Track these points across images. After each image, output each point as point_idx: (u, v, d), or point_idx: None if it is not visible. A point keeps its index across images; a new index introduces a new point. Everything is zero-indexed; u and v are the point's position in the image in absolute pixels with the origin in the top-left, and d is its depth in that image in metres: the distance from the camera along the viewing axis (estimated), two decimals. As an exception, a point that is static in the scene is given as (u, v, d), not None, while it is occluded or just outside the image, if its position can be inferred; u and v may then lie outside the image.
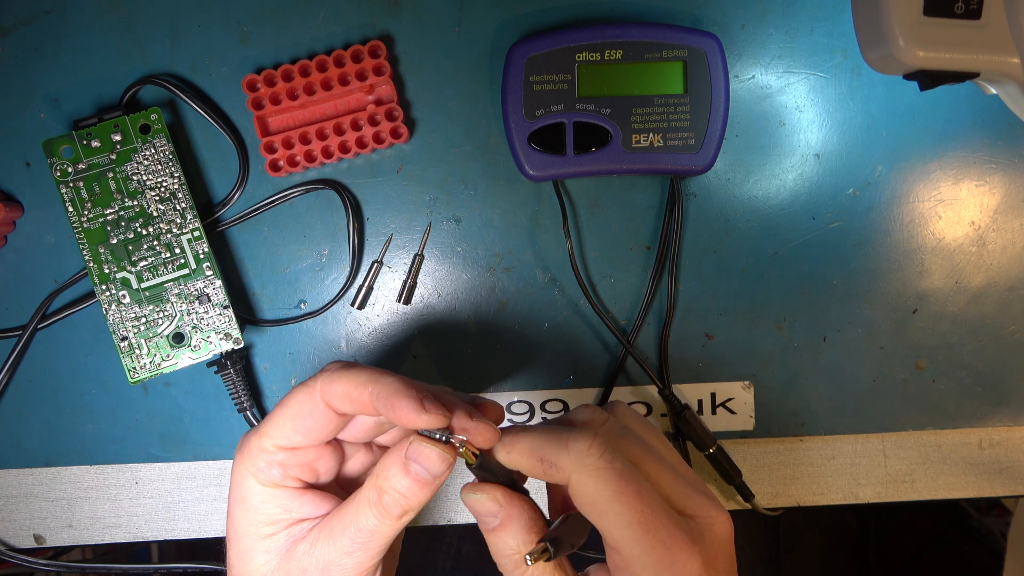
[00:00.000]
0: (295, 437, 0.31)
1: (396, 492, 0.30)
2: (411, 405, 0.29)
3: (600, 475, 0.27)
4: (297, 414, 0.31)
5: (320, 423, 0.31)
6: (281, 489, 0.31)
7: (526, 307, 0.44)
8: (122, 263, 0.41)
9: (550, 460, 0.28)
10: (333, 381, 0.30)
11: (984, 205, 0.44)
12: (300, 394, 0.31)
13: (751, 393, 0.44)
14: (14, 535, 0.44)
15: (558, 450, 0.28)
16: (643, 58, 0.40)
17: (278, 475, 0.31)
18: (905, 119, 0.43)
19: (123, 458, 0.44)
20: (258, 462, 0.31)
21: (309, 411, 0.31)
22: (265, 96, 0.40)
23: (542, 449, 0.29)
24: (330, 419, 0.31)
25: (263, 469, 0.31)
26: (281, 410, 0.31)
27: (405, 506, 0.30)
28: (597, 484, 0.27)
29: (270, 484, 0.31)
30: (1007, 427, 0.45)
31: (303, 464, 0.32)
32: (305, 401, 0.31)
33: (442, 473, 0.30)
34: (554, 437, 0.29)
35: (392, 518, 0.30)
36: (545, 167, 0.41)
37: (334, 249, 0.43)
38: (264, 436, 0.31)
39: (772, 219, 0.44)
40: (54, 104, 0.42)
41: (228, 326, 0.41)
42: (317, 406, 0.30)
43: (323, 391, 0.30)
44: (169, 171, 0.41)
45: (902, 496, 0.45)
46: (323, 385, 0.30)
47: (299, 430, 0.31)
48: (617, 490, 0.27)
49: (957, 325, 0.44)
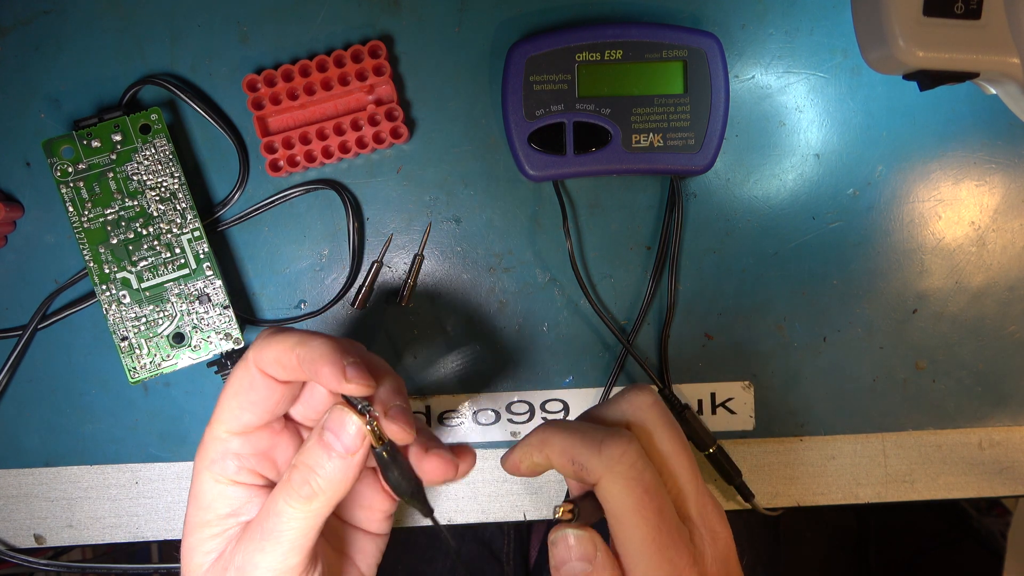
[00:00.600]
0: (243, 416, 0.30)
1: (305, 466, 0.28)
2: (333, 372, 0.27)
3: (627, 484, 0.27)
4: (238, 390, 0.29)
5: (263, 394, 0.29)
6: (235, 487, 0.30)
7: (526, 307, 0.44)
8: (122, 263, 0.41)
9: (581, 462, 0.28)
10: (263, 348, 0.29)
11: (984, 205, 0.44)
12: (238, 370, 0.30)
13: (751, 393, 0.44)
14: (14, 535, 0.45)
15: (591, 452, 0.28)
16: (643, 58, 0.40)
17: (232, 468, 0.30)
18: (905, 119, 0.43)
19: (123, 458, 0.44)
20: (212, 454, 0.30)
21: (249, 384, 0.29)
22: (265, 96, 0.40)
23: (575, 449, 0.28)
24: (273, 389, 0.29)
25: (217, 461, 0.30)
26: (224, 392, 0.30)
27: (314, 485, 0.28)
28: (622, 492, 0.27)
29: (223, 480, 0.30)
30: (1007, 427, 0.45)
31: (259, 453, 0.30)
32: (243, 376, 0.29)
33: (355, 445, 0.28)
34: (589, 437, 0.28)
35: (301, 499, 0.28)
36: (545, 167, 0.41)
37: (334, 249, 0.43)
38: (215, 423, 0.30)
39: (772, 219, 0.44)
40: (54, 104, 0.42)
41: (228, 326, 0.41)
42: (255, 377, 0.29)
43: (255, 360, 0.29)
44: (169, 171, 0.41)
45: (902, 496, 0.45)
46: (255, 354, 0.29)
47: (244, 406, 0.29)
48: (639, 503, 0.27)
49: (957, 325, 0.44)
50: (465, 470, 0.32)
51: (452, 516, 0.45)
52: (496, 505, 0.45)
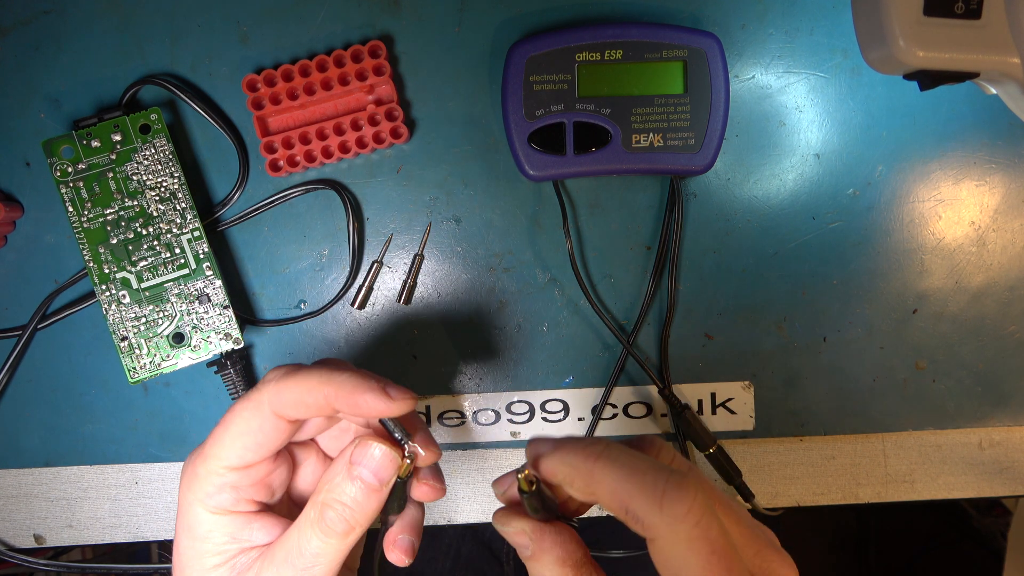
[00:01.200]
0: (246, 455, 0.29)
1: (339, 504, 0.28)
2: (376, 396, 0.27)
3: (693, 545, 0.24)
4: (245, 431, 0.29)
5: (271, 436, 0.29)
6: (231, 516, 0.29)
7: (526, 307, 0.44)
8: (122, 263, 0.41)
9: (636, 513, 0.24)
10: (282, 390, 0.28)
11: (984, 205, 0.44)
12: (246, 410, 0.29)
13: (751, 393, 0.44)
14: (14, 535, 0.44)
15: (650, 506, 0.24)
16: (643, 58, 0.40)
17: (229, 500, 0.29)
18: (905, 119, 0.43)
19: (123, 458, 0.44)
20: (207, 487, 0.29)
21: (258, 426, 0.28)
22: (265, 96, 0.40)
23: (631, 497, 0.24)
24: (281, 430, 0.29)
25: (213, 495, 0.29)
26: (226, 429, 0.29)
27: (350, 520, 0.28)
28: (688, 555, 0.24)
29: (220, 511, 0.29)
30: (1007, 427, 0.45)
31: (256, 483, 0.30)
32: (252, 417, 0.29)
33: (391, 477, 0.28)
34: (648, 485, 0.24)
35: (336, 536, 0.28)
36: (545, 167, 0.41)
37: (334, 249, 0.43)
38: (212, 459, 0.29)
39: (772, 219, 0.44)
40: (54, 104, 0.42)
41: (228, 326, 0.41)
42: (267, 419, 0.28)
43: (272, 403, 0.28)
44: (169, 171, 0.41)
45: (902, 496, 0.45)
46: (271, 397, 0.28)
47: (250, 447, 0.29)
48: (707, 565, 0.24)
49: (957, 325, 0.44)
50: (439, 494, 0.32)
51: (452, 516, 0.45)
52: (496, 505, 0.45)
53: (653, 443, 0.28)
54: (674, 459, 0.28)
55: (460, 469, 0.45)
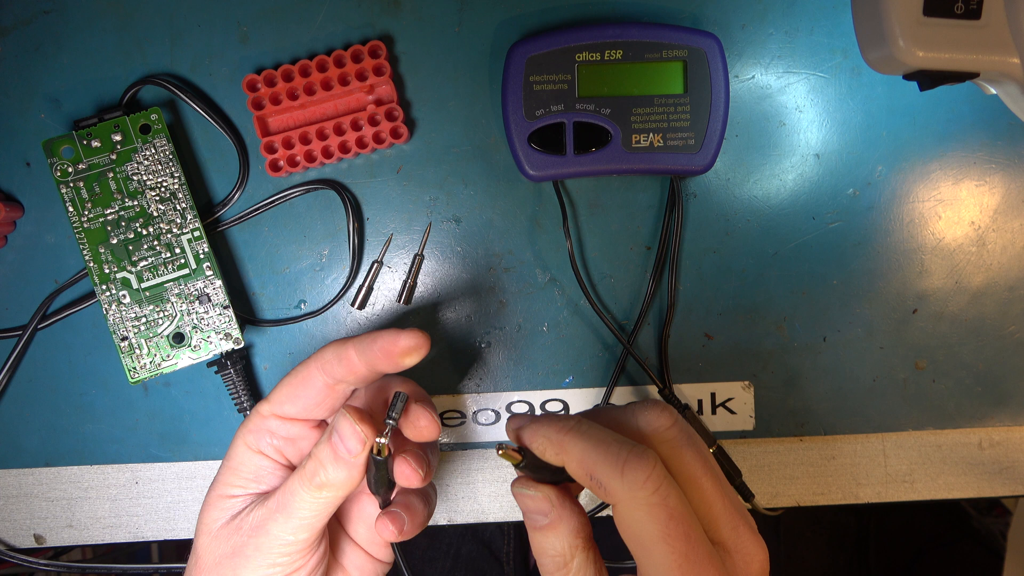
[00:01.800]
0: (287, 405, 0.34)
1: (317, 459, 0.31)
2: (389, 333, 0.31)
3: (651, 511, 0.26)
4: (295, 383, 0.34)
5: (314, 393, 0.33)
6: (261, 457, 0.34)
7: (526, 307, 0.44)
8: (122, 263, 0.41)
9: (600, 480, 0.27)
10: (323, 349, 0.33)
11: (984, 205, 0.44)
12: (299, 366, 0.34)
13: (751, 393, 0.44)
14: (14, 535, 0.45)
15: (612, 473, 0.26)
16: (643, 58, 0.40)
17: (265, 442, 0.34)
18: (905, 119, 0.43)
19: (123, 458, 0.44)
20: (252, 424, 0.34)
21: (303, 379, 0.33)
22: (265, 96, 0.40)
23: (595, 465, 0.27)
24: (321, 390, 0.33)
25: (252, 431, 0.34)
26: (284, 380, 0.34)
27: (322, 478, 0.31)
28: (645, 520, 0.26)
29: (253, 449, 0.34)
30: (1007, 427, 0.45)
31: (289, 438, 0.35)
32: (301, 370, 0.34)
33: (355, 451, 0.31)
34: (611, 455, 0.27)
35: (310, 488, 0.31)
36: (545, 167, 0.41)
37: (334, 249, 0.43)
38: (266, 402, 0.34)
39: (772, 219, 0.44)
40: (54, 104, 0.42)
41: (228, 326, 0.41)
42: (311, 375, 0.33)
43: (316, 359, 0.33)
44: (169, 171, 0.41)
45: (902, 496, 0.45)
46: (316, 355, 0.33)
47: (292, 398, 0.34)
48: (665, 531, 0.26)
49: (957, 325, 0.44)
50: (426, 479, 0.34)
51: (452, 516, 0.45)
52: (496, 505, 0.45)
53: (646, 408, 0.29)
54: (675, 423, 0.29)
55: (460, 469, 0.45)
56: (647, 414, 0.29)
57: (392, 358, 0.32)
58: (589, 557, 0.29)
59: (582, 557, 0.28)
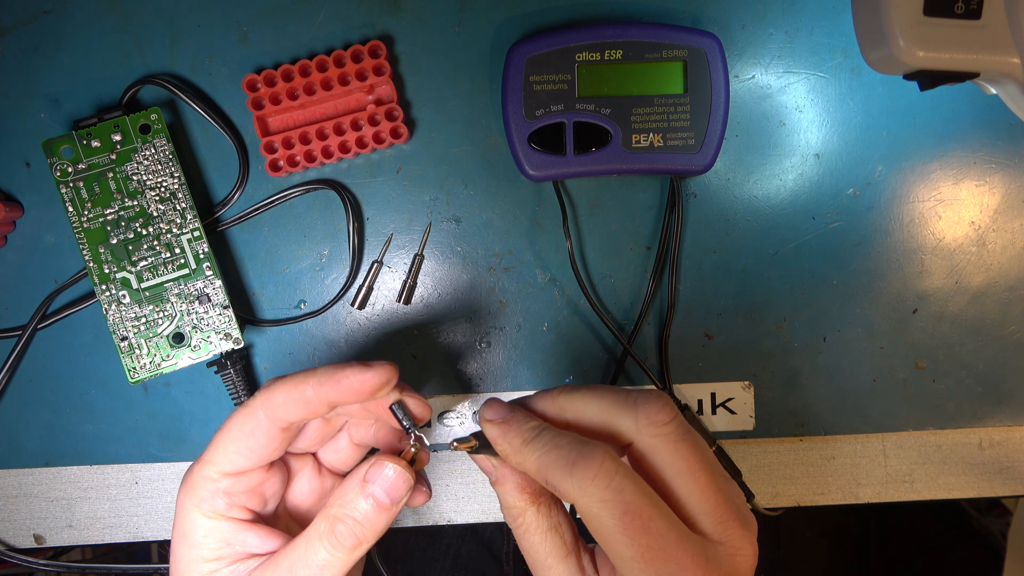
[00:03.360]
0: (238, 460, 0.30)
1: (351, 519, 0.29)
2: (354, 370, 0.29)
3: (604, 507, 0.26)
4: (239, 436, 0.30)
5: (263, 442, 0.30)
6: (226, 521, 0.30)
7: (526, 307, 0.44)
8: (122, 263, 0.41)
9: (552, 482, 0.27)
10: (271, 393, 0.30)
11: (984, 205, 0.44)
12: (239, 415, 0.30)
13: (751, 393, 0.44)
14: (14, 535, 0.44)
15: (562, 475, 0.27)
16: (643, 58, 0.40)
17: (223, 505, 0.30)
18: (905, 119, 0.43)
19: (123, 458, 0.44)
20: (201, 492, 0.30)
21: (251, 431, 0.30)
22: (265, 96, 0.40)
23: (547, 471, 0.27)
24: (273, 436, 0.30)
25: (207, 499, 0.30)
26: (222, 435, 0.30)
27: (359, 535, 0.29)
28: (601, 515, 0.26)
29: (214, 515, 0.30)
30: (1007, 427, 0.45)
31: (249, 490, 0.31)
32: (246, 421, 0.30)
33: (403, 496, 0.30)
34: (562, 457, 0.27)
35: (344, 550, 0.29)
36: (545, 167, 0.41)
37: (334, 249, 0.43)
38: (207, 464, 0.30)
39: (772, 219, 0.44)
40: (54, 104, 0.42)
41: (228, 326, 0.41)
42: (259, 424, 0.30)
43: (263, 405, 0.30)
44: (169, 171, 0.41)
45: (902, 496, 0.45)
46: (263, 400, 0.30)
47: (242, 452, 0.30)
48: (621, 524, 0.26)
49: (957, 325, 0.44)
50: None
51: (452, 516, 0.45)
52: (496, 505, 0.45)
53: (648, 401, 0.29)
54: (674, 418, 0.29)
55: (460, 469, 0.45)
56: (648, 408, 0.29)
57: (361, 396, 0.30)
58: (541, 511, 0.30)
59: (533, 510, 0.30)
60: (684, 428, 0.29)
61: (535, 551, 0.30)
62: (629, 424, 0.29)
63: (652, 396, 0.29)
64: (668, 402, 0.29)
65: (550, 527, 0.30)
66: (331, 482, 0.35)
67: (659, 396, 0.29)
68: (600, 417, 0.29)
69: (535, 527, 0.29)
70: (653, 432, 0.28)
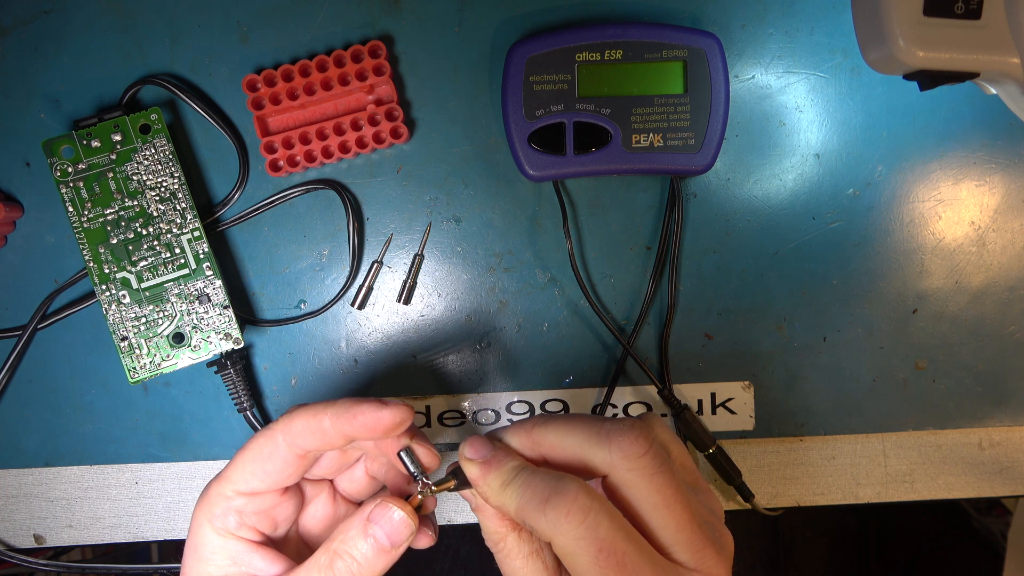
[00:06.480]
0: (254, 481, 0.31)
1: (350, 557, 0.29)
2: (370, 408, 0.29)
3: (579, 544, 0.26)
4: (257, 457, 0.31)
5: (280, 466, 0.31)
6: (235, 540, 0.31)
7: (526, 307, 0.44)
8: (122, 263, 0.41)
9: (528, 523, 0.27)
10: (292, 419, 0.30)
11: (984, 205, 0.44)
12: (260, 437, 0.31)
13: (751, 393, 0.44)
14: (14, 535, 0.44)
15: (536, 515, 0.27)
16: (643, 58, 0.40)
17: (234, 523, 0.31)
18: (905, 119, 0.43)
19: (123, 458, 0.44)
20: (215, 508, 0.31)
21: (269, 453, 0.31)
22: (265, 96, 0.40)
23: (523, 510, 0.27)
24: (290, 461, 0.31)
25: (219, 516, 0.31)
26: (242, 455, 0.31)
27: (357, 574, 0.29)
28: (576, 552, 0.26)
29: (225, 533, 0.31)
30: (1007, 427, 0.45)
31: (261, 512, 0.32)
32: (265, 444, 0.31)
33: (404, 542, 0.30)
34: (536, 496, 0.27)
35: None
36: (545, 167, 0.41)
37: (334, 249, 0.43)
38: (224, 481, 0.31)
39: (772, 219, 0.44)
40: (54, 104, 0.42)
41: (228, 326, 0.41)
42: (278, 448, 0.30)
43: (283, 430, 0.30)
44: (169, 171, 0.41)
45: (902, 496, 0.45)
46: (283, 426, 0.30)
47: (258, 474, 0.31)
48: (596, 561, 0.26)
49: (957, 325, 0.44)
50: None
51: (452, 516, 0.45)
52: (496, 505, 0.45)
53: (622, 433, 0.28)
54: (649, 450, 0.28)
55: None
56: (621, 441, 0.28)
57: (374, 433, 0.30)
58: (523, 536, 0.30)
59: (514, 536, 0.30)
60: (659, 460, 0.28)
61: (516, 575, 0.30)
62: (603, 458, 0.28)
63: (625, 427, 0.28)
64: (642, 432, 0.28)
65: (531, 552, 0.30)
66: (345, 509, 0.35)
67: (632, 427, 0.28)
68: (573, 450, 0.29)
69: (516, 552, 0.30)
70: (628, 466, 0.28)
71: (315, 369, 0.44)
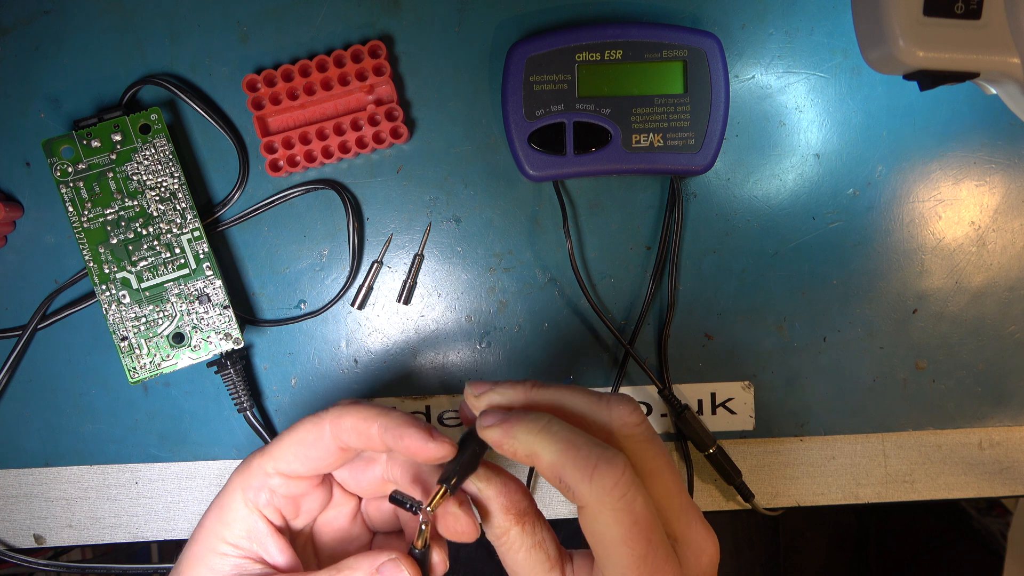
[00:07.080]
0: (295, 463, 0.32)
1: None
2: (419, 434, 0.29)
3: (616, 515, 0.26)
4: (303, 441, 0.31)
5: (322, 454, 0.31)
6: (259, 517, 0.32)
7: (526, 307, 0.44)
8: (122, 263, 0.41)
9: (568, 484, 0.27)
10: (343, 414, 0.31)
11: (984, 205, 0.44)
12: (308, 423, 0.32)
13: (751, 393, 0.44)
14: (14, 535, 0.44)
15: (581, 478, 0.27)
16: (643, 58, 0.40)
17: (264, 500, 0.32)
18: (905, 119, 0.43)
19: (123, 458, 0.44)
20: (252, 480, 0.32)
21: (314, 440, 0.31)
22: (265, 96, 0.40)
23: (564, 469, 0.27)
24: (332, 452, 0.31)
25: (254, 488, 0.32)
26: (288, 435, 0.32)
27: None
28: (610, 523, 0.27)
29: (252, 507, 0.32)
30: (1007, 427, 0.45)
31: (291, 496, 0.32)
32: (312, 430, 0.31)
33: None
34: (581, 459, 0.27)
35: None
36: (545, 167, 0.41)
37: (334, 249, 0.43)
38: (267, 457, 0.32)
39: (772, 219, 0.44)
40: (54, 104, 0.42)
41: (228, 326, 0.41)
42: (323, 437, 0.31)
43: (332, 423, 0.31)
44: (169, 171, 0.41)
45: (902, 496, 0.45)
46: (332, 418, 0.31)
47: (300, 458, 0.31)
48: (628, 534, 0.26)
49: (957, 325, 0.44)
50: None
51: (452, 516, 0.45)
52: (496, 505, 0.45)
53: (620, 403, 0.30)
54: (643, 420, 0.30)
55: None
56: (620, 409, 0.29)
57: (415, 458, 0.30)
58: (526, 530, 0.30)
59: (517, 529, 0.30)
60: (652, 431, 0.30)
61: (519, 567, 0.30)
62: (604, 423, 0.29)
63: (623, 398, 0.30)
64: (637, 406, 0.30)
65: (534, 544, 0.30)
66: (360, 531, 0.36)
67: (628, 399, 0.30)
68: (572, 414, 0.30)
69: (519, 544, 0.30)
70: (626, 432, 0.29)
71: (315, 369, 0.44)
